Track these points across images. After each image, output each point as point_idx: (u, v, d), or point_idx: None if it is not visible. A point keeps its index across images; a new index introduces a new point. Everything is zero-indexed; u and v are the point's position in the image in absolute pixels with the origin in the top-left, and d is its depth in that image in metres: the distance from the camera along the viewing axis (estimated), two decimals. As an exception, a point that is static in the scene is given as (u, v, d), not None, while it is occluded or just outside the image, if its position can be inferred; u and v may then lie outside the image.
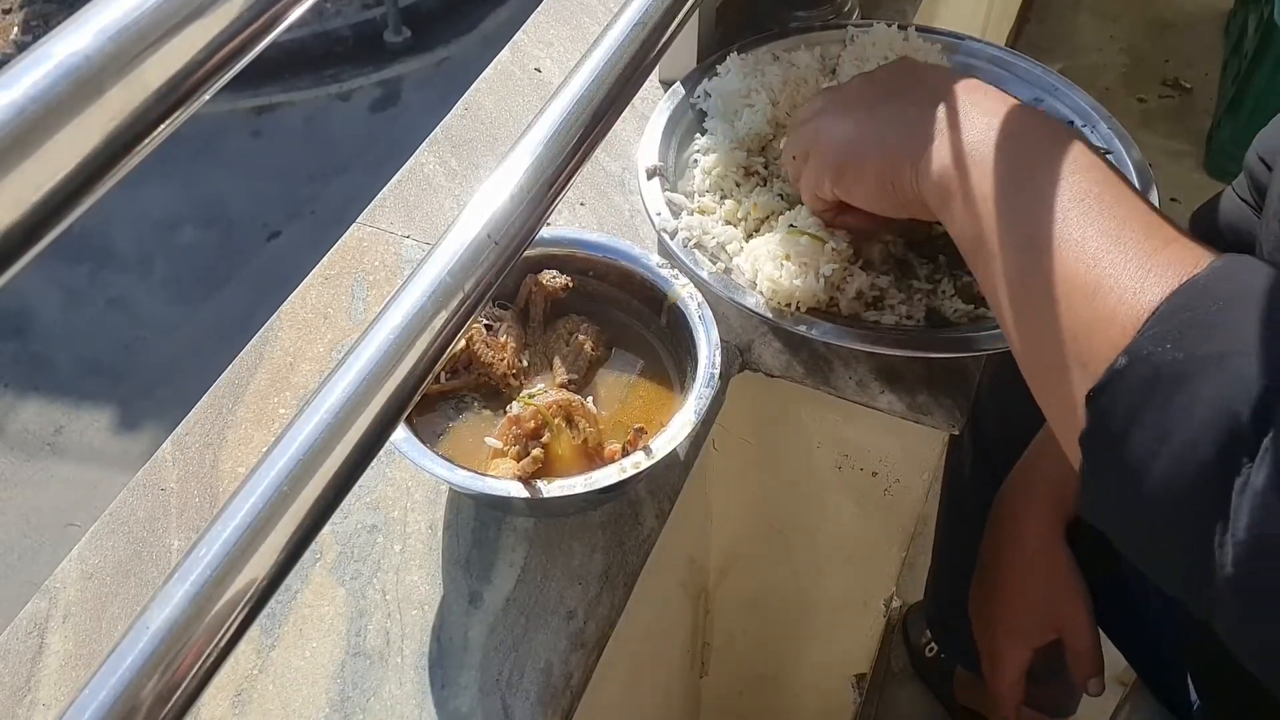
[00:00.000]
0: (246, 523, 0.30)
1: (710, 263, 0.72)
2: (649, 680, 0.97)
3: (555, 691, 0.59)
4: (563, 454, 0.61)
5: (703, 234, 0.74)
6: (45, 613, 0.62)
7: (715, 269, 0.72)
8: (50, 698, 0.59)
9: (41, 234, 0.23)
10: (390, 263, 0.81)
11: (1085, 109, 0.81)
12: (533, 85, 0.94)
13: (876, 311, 0.71)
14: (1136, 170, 0.76)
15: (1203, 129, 2.46)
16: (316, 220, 2.94)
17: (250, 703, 0.59)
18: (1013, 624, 0.82)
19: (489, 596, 0.62)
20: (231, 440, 0.70)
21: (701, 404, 0.61)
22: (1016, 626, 0.81)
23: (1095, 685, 0.79)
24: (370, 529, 0.65)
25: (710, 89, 0.83)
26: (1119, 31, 2.78)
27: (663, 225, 0.73)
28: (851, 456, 0.86)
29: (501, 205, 0.39)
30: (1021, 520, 0.80)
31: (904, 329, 0.70)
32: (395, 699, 0.59)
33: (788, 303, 0.69)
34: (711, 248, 0.74)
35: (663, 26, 0.47)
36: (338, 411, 0.32)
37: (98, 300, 2.78)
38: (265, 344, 0.75)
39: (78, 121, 0.23)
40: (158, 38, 0.24)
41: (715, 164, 0.78)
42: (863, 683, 1.17)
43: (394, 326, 0.35)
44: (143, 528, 0.66)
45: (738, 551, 1.03)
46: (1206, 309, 0.42)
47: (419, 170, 0.87)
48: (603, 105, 0.43)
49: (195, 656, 0.28)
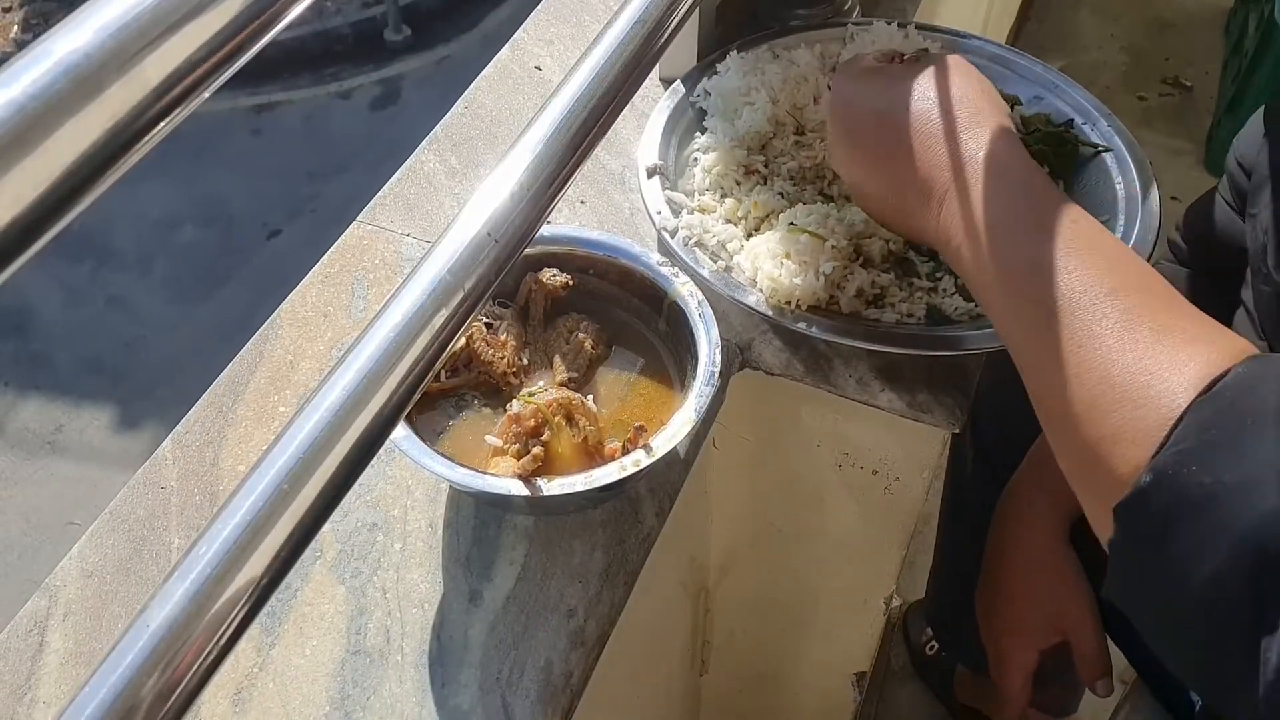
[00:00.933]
0: (247, 521, 0.30)
1: (711, 261, 0.72)
2: (649, 678, 0.97)
3: (555, 690, 0.59)
4: (563, 452, 0.61)
5: (703, 232, 0.74)
6: (45, 611, 0.62)
7: (716, 267, 0.72)
8: (50, 695, 0.59)
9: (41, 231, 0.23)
10: (390, 261, 0.81)
11: (1086, 107, 0.81)
12: (533, 83, 0.94)
13: (877, 309, 0.71)
14: (1137, 168, 0.76)
15: (1203, 128, 2.46)
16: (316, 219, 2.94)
17: (250, 701, 0.59)
18: (1019, 627, 0.82)
19: (489, 595, 0.62)
20: (232, 439, 0.70)
21: (702, 402, 0.61)
22: (1022, 629, 0.81)
23: (1104, 686, 0.79)
24: (370, 527, 0.65)
25: (710, 87, 0.83)
26: (1119, 30, 2.78)
27: (663, 224, 0.73)
28: (852, 455, 0.86)
29: (502, 203, 0.39)
30: (1026, 523, 0.80)
31: (904, 326, 0.70)
32: (395, 697, 0.59)
33: (788, 301, 0.69)
34: (712, 246, 0.74)
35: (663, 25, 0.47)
36: (338, 410, 0.32)
37: (98, 299, 2.78)
38: (265, 342, 0.75)
39: (77, 119, 0.23)
40: (157, 35, 0.24)
41: (715, 162, 0.78)
42: (863, 681, 1.17)
43: (394, 325, 0.35)
44: (143, 526, 0.66)
45: (738, 550, 1.03)
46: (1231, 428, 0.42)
47: (419, 168, 0.87)
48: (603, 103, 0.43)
49: (195, 654, 0.28)
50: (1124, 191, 0.75)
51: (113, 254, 2.88)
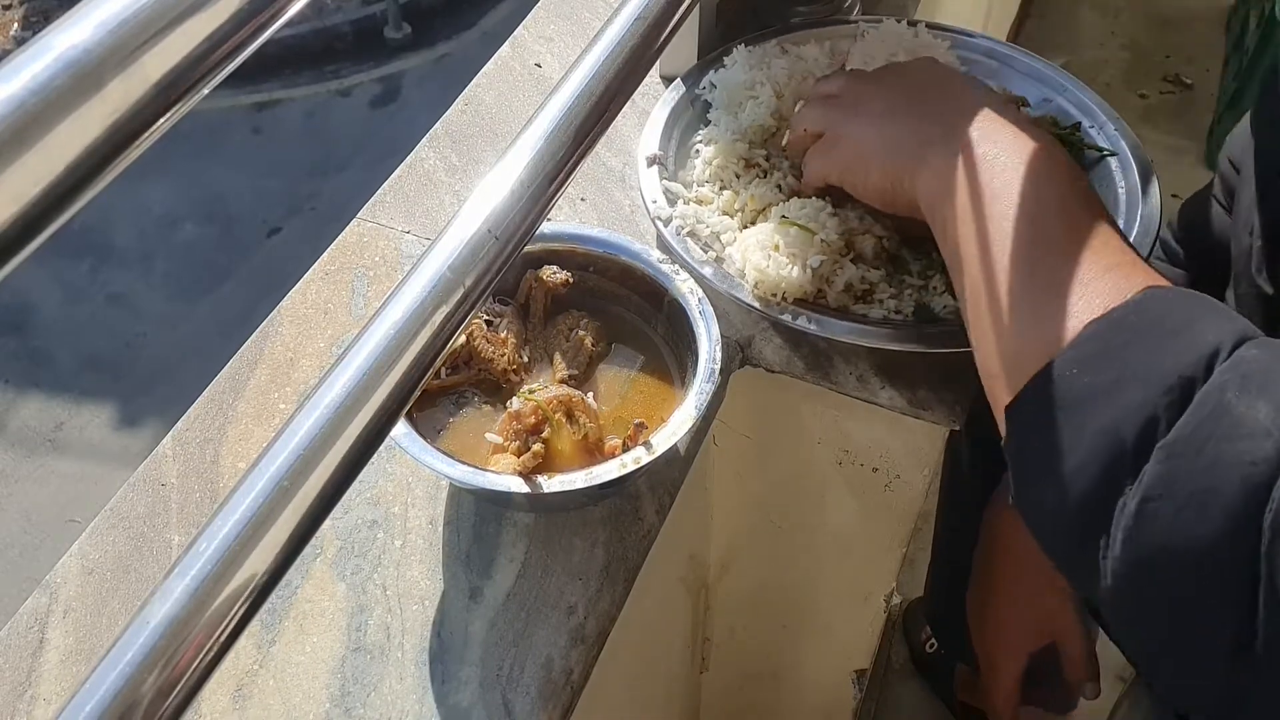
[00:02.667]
0: (247, 518, 0.30)
1: (702, 252, 0.72)
2: (649, 676, 0.97)
3: (556, 687, 0.59)
4: (563, 449, 0.61)
5: (697, 223, 0.74)
6: (46, 608, 0.62)
7: (706, 258, 0.72)
8: (50, 692, 0.59)
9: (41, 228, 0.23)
10: (390, 258, 0.80)
11: (1092, 108, 0.81)
12: (533, 80, 0.94)
13: (865, 305, 0.71)
14: (1138, 165, 0.76)
15: (1204, 125, 2.45)
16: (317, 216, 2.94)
17: (251, 698, 0.59)
18: (1006, 631, 0.82)
19: (489, 592, 0.62)
20: (232, 436, 0.70)
21: (702, 399, 0.61)
22: (1010, 633, 0.82)
23: (1091, 690, 0.80)
24: (371, 524, 0.65)
25: (715, 80, 0.83)
26: (1120, 27, 2.77)
27: (657, 213, 0.73)
28: (852, 452, 0.86)
29: (502, 201, 0.39)
30: (1012, 528, 0.81)
31: (891, 323, 0.70)
32: (396, 694, 0.59)
33: (774, 293, 0.70)
34: (705, 237, 0.74)
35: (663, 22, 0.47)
36: (338, 407, 0.32)
37: (98, 296, 2.78)
38: (266, 340, 0.75)
39: (77, 115, 0.23)
40: (158, 31, 0.24)
41: (715, 154, 0.78)
42: (863, 678, 1.17)
43: (394, 322, 0.34)
44: (143, 523, 0.66)
45: (738, 547, 1.03)
46: (1116, 339, 0.46)
47: (419, 166, 0.87)
48: (603, 100, 0.43)
49: (195, 651, 0.28)
50: (1126, 195, 0.75)
51: (113, 252, 2.88)
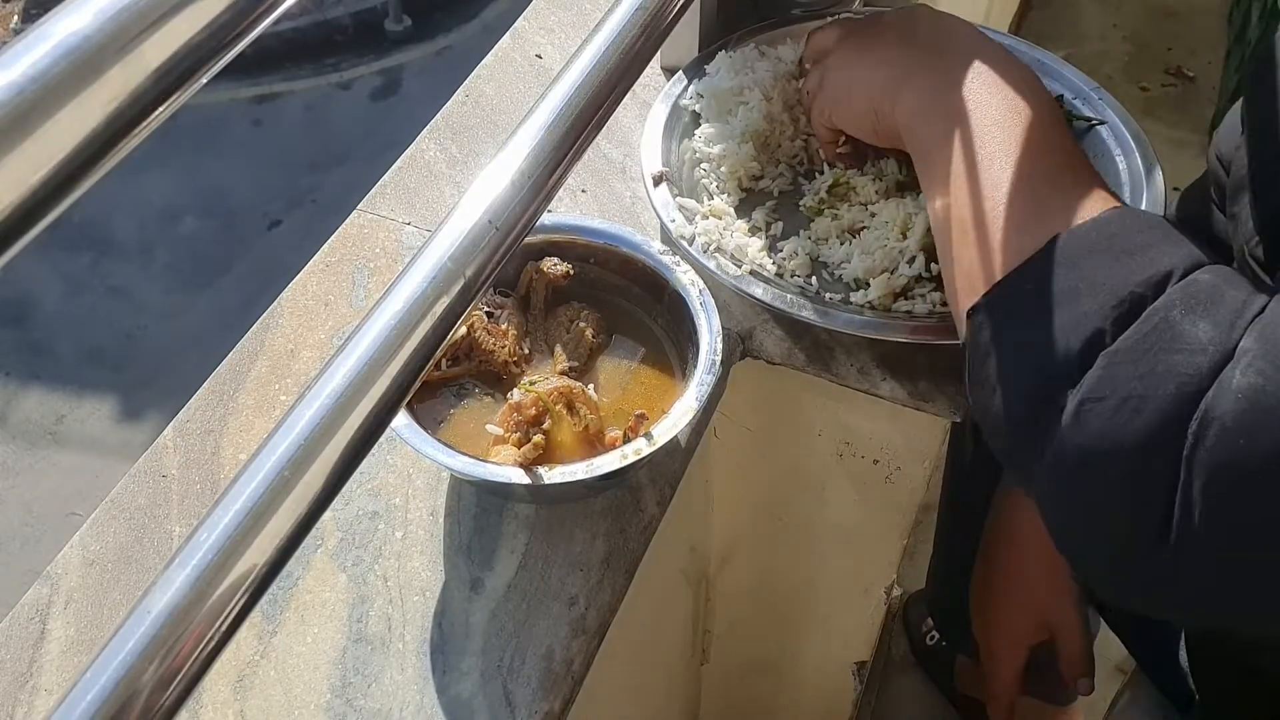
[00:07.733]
0: (247, 509, 0.30)
1: (734, 266, 0.71)
2: (650, 667, 0.97)
3: (556, 678, 0.59)
4: (564, 441, 0.61)
5: (719, 236, 0.73)
6: (47, 599, 0.62)
7: (741, 272, 0.71)
8: (52, 683, 0.59)
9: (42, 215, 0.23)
10: (391, 250, 0.80)
11: (1080, 86, 0.81)
12: (534, 72, 0.94)
13: (907, 301, 0.70)
14: (1141, 155, 0.75)
15: (1205, 118, 2.44)
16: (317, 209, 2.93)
17: (251, 688, 0.59)
18: (1008, 625, 0.83)
19: (490, 583, 0.63)
20: (233, 427, 0.70)
21: (703, 391, 0.61)
22: (1011, 627, 0.83)
23: (1085, 685, 0.80)
24: (371, 515, 0.65)
25: (701, 90, 0.81)
26: (1121, 19, 2.77)
27: (679, 232, 0.72)
28: (853, 444, 0.86)
29: (502, 192, 0.39)
30: (1015, 524, 0.81)
31: (936, 315, 0.69)
32: (397, 685, 0.59)
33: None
34: (732, 250, 0.73)
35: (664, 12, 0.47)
36: (339, 398, 0.32)
37: (99, 289, 2.77)
38: (266, 331, 0.75)
39: (77, 102, 0.23)
40: (157, 18, 0.24)
41: (719, 164, 0.77)
42: (863, 670, 1.17)
43: (395, 313, 0.35)
44: (144, 514, 0.66)
45: (739, 539, 1.03)
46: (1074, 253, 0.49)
47: (420, 157, 0.87)
48: (604, 91, 0.43)
49: (196, 642, 0.28)
50: (1125, 165, 0.74)
51: (114, 244, 2.87)
